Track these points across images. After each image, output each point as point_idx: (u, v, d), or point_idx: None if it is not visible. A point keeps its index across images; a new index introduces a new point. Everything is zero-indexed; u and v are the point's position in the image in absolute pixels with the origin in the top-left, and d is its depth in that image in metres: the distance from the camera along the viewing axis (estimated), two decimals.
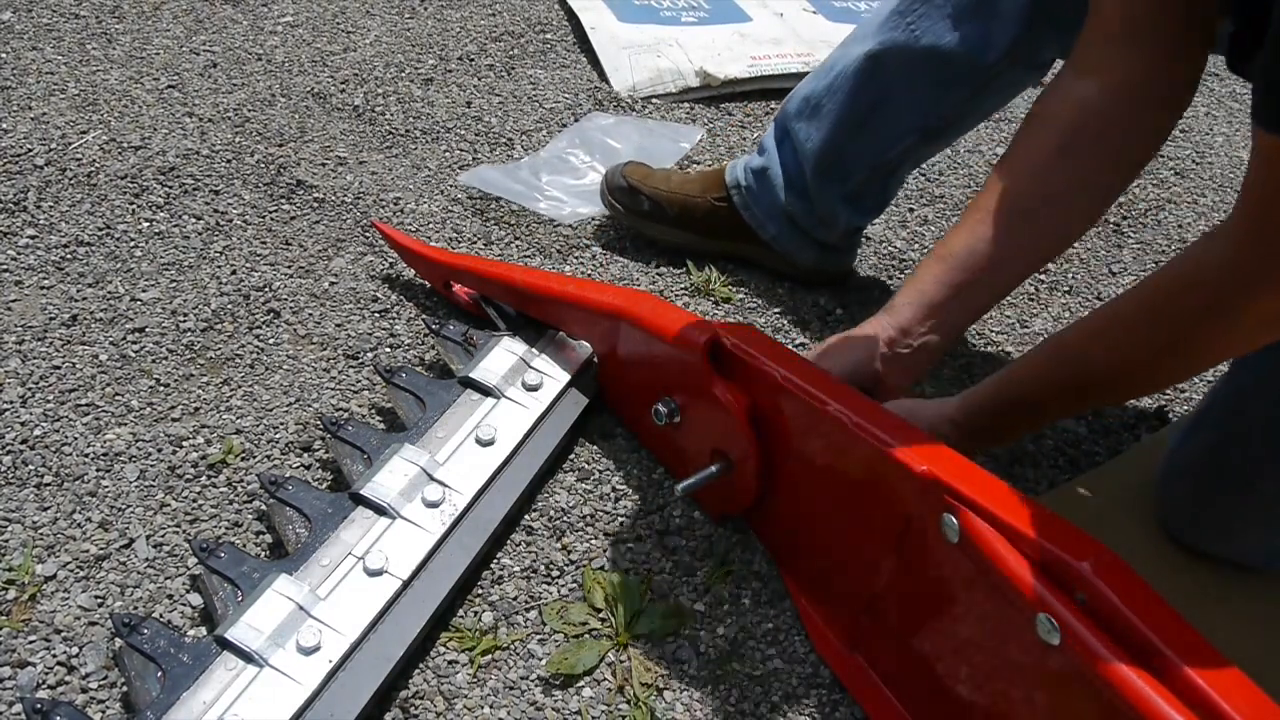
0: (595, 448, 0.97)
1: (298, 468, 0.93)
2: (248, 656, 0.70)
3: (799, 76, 1.39)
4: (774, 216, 1.17)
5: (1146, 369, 0.72)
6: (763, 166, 1.15)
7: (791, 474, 0.81)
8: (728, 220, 1.20)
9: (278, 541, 0.85)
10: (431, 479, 0.85)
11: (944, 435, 0.77)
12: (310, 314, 1.13)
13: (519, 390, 0.95)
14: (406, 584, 0.77)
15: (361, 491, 0.82)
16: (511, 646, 0.79)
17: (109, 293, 1.13)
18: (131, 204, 1.28)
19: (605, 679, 0.77)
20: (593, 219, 1.35)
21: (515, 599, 0.83)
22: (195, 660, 0.69)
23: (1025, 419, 0.83)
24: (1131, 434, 1.06)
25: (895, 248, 1.34)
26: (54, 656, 0.75)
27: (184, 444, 0.94)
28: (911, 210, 1.44)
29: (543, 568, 0.85)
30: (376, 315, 1.14)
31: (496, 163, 1.46)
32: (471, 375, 0.95)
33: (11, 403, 0.97)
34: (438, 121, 1.54)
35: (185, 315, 1.10)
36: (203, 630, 0.79)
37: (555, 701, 0.75)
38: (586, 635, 0.80)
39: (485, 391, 0.94)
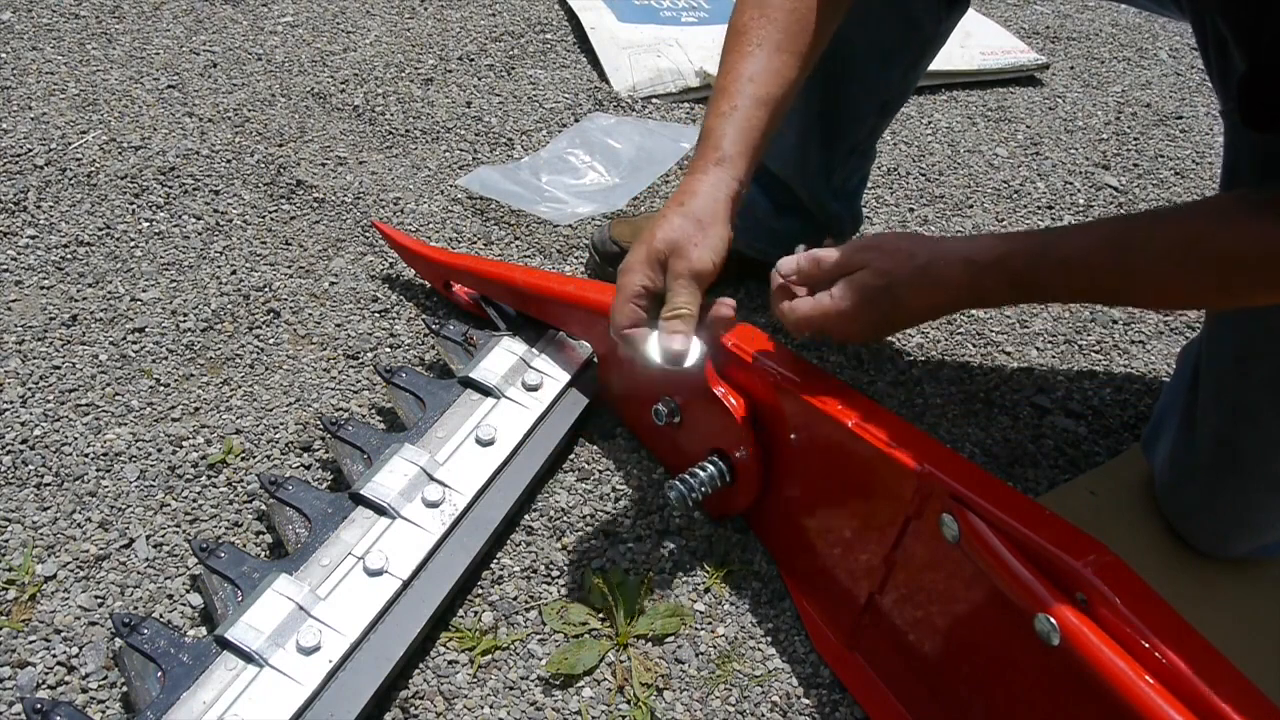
0: (595, 448, 0.97)
1: (298, 468, 0.93)
2: (248, 656, 0.70)
3: None
4: (778, 243, 1.16)
5: (1187, 301, 0.75)
6: (748, 200, 1.15)
7: (791, 474, 0.81)
8: (732, 262, 1.20)
9: (278, 541, 0.85)
10: (431, 479, 0.85)
11: (949, 277, 0.69)
12: (310, 314, 1.13)
13: (519, 390, 0.95)
14: (406, 584, 0.77)
15: (361, 491, 0.82)
16: (511, 646, 0.79)
17: (109, 293, 1.13)
18: (131, 204, 1.28)
19: (605, 679, 0.77)
20: (592, 219, 1.35)
21: (515, 599, 0.83)
22: (195, 660, 0.69)
23: (1044, 295, 0.71)
24: (1131, 434, 1.06)
25: None
26: (54, 656, 0.76)
27: (184, 444, 0.94)
28: (911, 210, 1.44)
29: (543, 568, 0.85)
30: (376, 315, 1.14)
31: (496, 163, 1.46)
32: (471, 375, 0.95)
33: (11, 403, 0.97)
34: (438, 121, 1.54)
35: (185, 315, 1.11)
36: (203, 630, 0.79)
37: (555, 701, 0.75)
38: (586, 635, 0.80)
39: (485, 391, 0.94)
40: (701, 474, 0.82)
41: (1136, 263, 0.66)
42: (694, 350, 0.68)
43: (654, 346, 0.68)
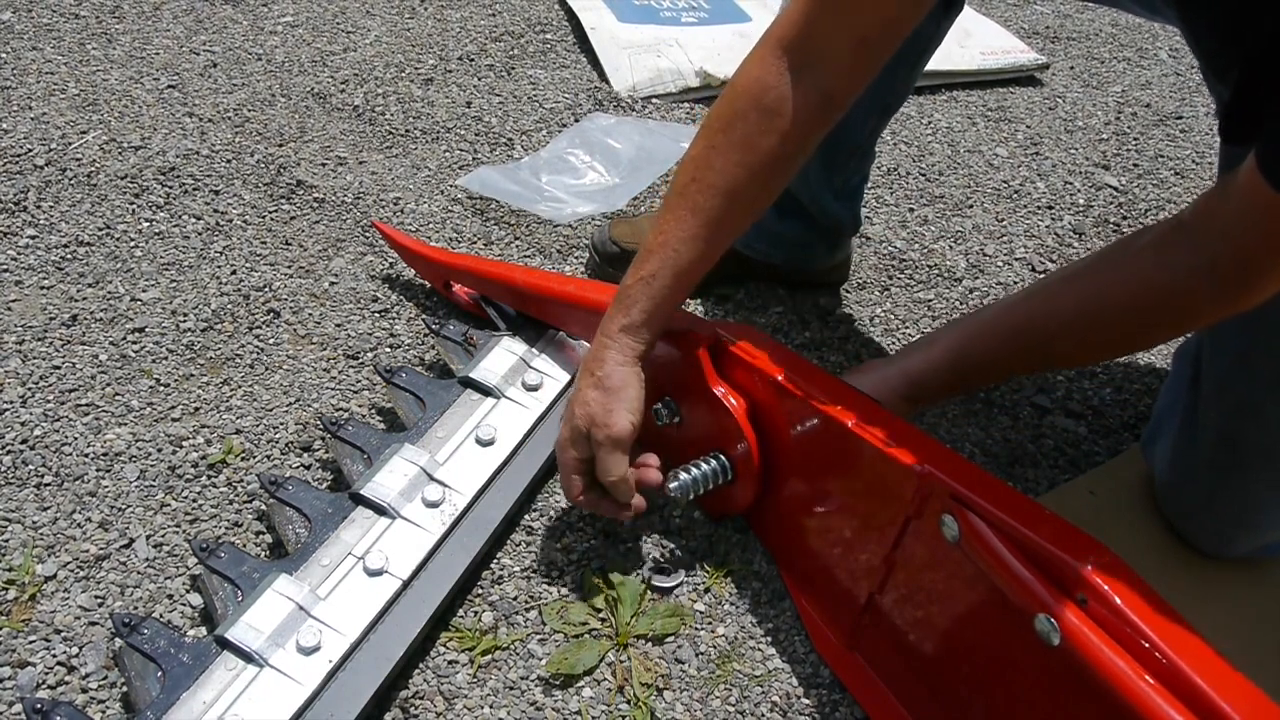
0: None
1: (298, 468, 0.93)
2: (248, 656, 0.70)
3: None
4: (778, 244, 1.17)
5: (1110, 353, 0.92)
6: None
7: (791, 474, 0.81)
8: (731, 262, 1.20)
9: (278, 541, 0.85)
10: (431, 479, 0.85)
11: (891, 406, 0.79)
12: (310, 314, 1.13)
13: (519, 390, 0.95)
14: (406, 584, 0.77)
15: (361, 491, 0.82)
16: (511, 646, 0.79)
17: (109, 293, 1.13)
18: (131, 204, 1.28)
19: (605, 679, 0.77)
20: (592, 219, 1.35)
21: (515, 599, 0.83)
22: (195, 660, 0.69)
23: (970, 389, 0.99)
24: (1131, 434, 1.06)
25: (895, 248, 1.34)
26: (54, 656, 0.76)
27: (184, 444, 0.94)
28: (911, 210, 1.44)
29: (543, 568, 0.85)
30: (376, 315, 1.14)
31: (496, 163, 1.46)
32: (471, 375, 0.95)
33: (11, 403, 0.97)
34: (438, 121, 1.54)
35: (185, 315, 1.11)
36: (203, 630, 0.79)
37: (555, 701, 0.75)
38: (586, 635, 0.80)
39: (485, 391, 0.94)
40: (700, 469, 0.82)
41: (1057, 351, 0.78)
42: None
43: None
